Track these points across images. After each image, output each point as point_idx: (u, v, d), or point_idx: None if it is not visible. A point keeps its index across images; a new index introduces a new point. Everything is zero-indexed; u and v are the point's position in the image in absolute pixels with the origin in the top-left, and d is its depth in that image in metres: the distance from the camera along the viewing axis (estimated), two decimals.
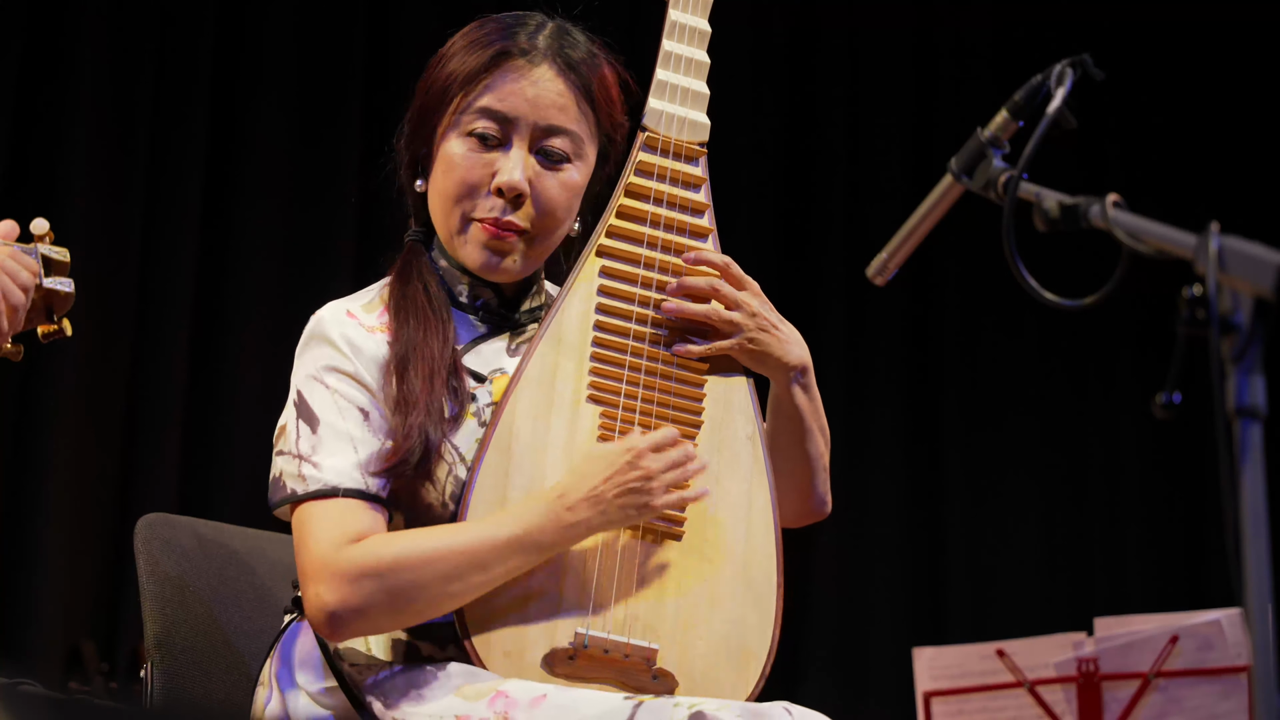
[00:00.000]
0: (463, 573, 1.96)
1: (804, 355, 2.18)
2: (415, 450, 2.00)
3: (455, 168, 2.10)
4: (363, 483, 2.01)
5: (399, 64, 4.43)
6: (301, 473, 2.02)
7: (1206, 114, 5.41)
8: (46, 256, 2.03)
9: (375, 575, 1.96)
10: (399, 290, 2.11)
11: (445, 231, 2.13)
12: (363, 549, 1.97)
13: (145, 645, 2.25)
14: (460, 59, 2.11)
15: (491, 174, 2.09)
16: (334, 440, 2.02)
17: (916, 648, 3.36)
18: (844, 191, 5.22)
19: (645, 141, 2.17)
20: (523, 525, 1.98)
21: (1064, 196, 1.68)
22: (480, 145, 2.10)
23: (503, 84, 2.10)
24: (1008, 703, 3.24)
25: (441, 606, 1.99)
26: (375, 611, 1.97)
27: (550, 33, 2.14)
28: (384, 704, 2.00)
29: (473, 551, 1.97)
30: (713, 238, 2.19)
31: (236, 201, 4.38)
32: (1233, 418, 1.38)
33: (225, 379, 4.31)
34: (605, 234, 2.14)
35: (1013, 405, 5.25)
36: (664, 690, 2.02)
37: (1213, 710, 3.10)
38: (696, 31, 2.21)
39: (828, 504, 2.28)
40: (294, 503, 2.02)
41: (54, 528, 4.00)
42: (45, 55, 4.14)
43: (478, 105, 2.10)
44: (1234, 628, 3.09)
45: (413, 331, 2.06)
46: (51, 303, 2.08)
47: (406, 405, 2.02)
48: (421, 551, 1.97)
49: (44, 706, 1.30)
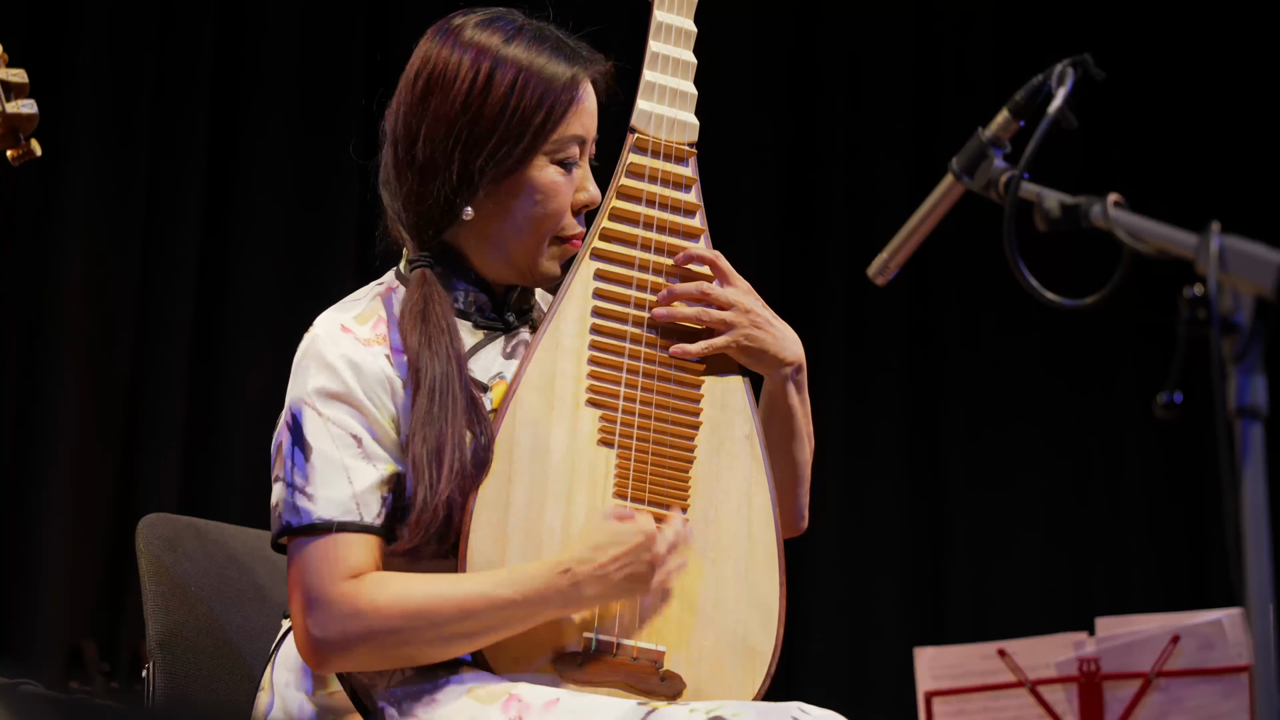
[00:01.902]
0: (454, 627, 1.96)
1: (799, 352, 2.19)
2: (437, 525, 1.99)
3: (553, 197, 2.09)
4: (357, 514, 1.99)
5: (401, 63, 4.42)
6: (296, 503, 2.01)
7: (1207, 113, 5.41)
8: (4, 81, 2.03)
9: (366, 616, 1.95)
10: (421, 329, 2.05)
11: (520, 254, 2.11)
12: (357, 588, 1.97)
13: (147, 645, 2.25)
14: (533, 88, 2.07)
15: (572, 193, 2.11)
16: (327, 470, 2.00)
17: (918, 648, 3.36)
18: (845, 191, 5.22)
19: (635, 143, 2.18)
20: (522, 591, 1.97)
21: (1065, 196, 1.68)
22: (566, 169, 2.10)
23: (580, 107, 2.10)
24: (1009, 703, 3.24)
25: (428, 656, 1.99)
26: (362, 652, 1.97)
27: (574, 41, 2.14)
28: (396, 709, 2.00)
29: (469, 608, 1.96)
30: (704, 238, 2.19)
31: (238, 202, 4.38)
32: (1234, 417, 1.38)
33: (227, 379, 4.31)
34: (599, 236, 2.14)
35: (1014, 405, 5.25)
36: (672, 692, 2.03)
37: (1214, 710, 3.10)
38: (682, 32, 2.21)
39: (805, 519, 2.29)
40: (289, 535, 2.02)
41: (56, 528, 4.00)
42: (46, 55, 4.14)
43: (570, 134, 2.09)
44: (1235, 627, 3.09)
45: (439, 375, 2.02)
46: (17, 125, 2.07)
47: (437, 467, 1.99)
48: (416, 600, 1.96)
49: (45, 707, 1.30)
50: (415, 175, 2.09)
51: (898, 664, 4.06)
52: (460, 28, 2.12)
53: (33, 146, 2.05)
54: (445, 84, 2.08)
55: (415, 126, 2.10)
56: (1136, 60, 5.27)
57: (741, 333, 2.14)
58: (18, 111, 2.01)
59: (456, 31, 2.12)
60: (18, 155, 2.05)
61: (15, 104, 2.01)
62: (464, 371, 2.05)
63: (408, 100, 2.12)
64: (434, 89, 2.09)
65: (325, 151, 4.42)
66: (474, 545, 2.00)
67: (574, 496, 2.05)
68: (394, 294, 2.12)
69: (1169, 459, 5.25)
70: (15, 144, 2.04)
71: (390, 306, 2.10)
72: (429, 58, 2.12)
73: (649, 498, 2.08)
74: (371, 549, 2.00)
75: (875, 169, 5.25)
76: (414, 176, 2.10)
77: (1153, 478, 5.28)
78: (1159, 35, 5.38)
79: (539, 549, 2.02)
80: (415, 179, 2.10)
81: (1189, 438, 5.12)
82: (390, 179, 2.13)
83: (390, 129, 2.13)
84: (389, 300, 2.11)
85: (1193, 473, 5.22)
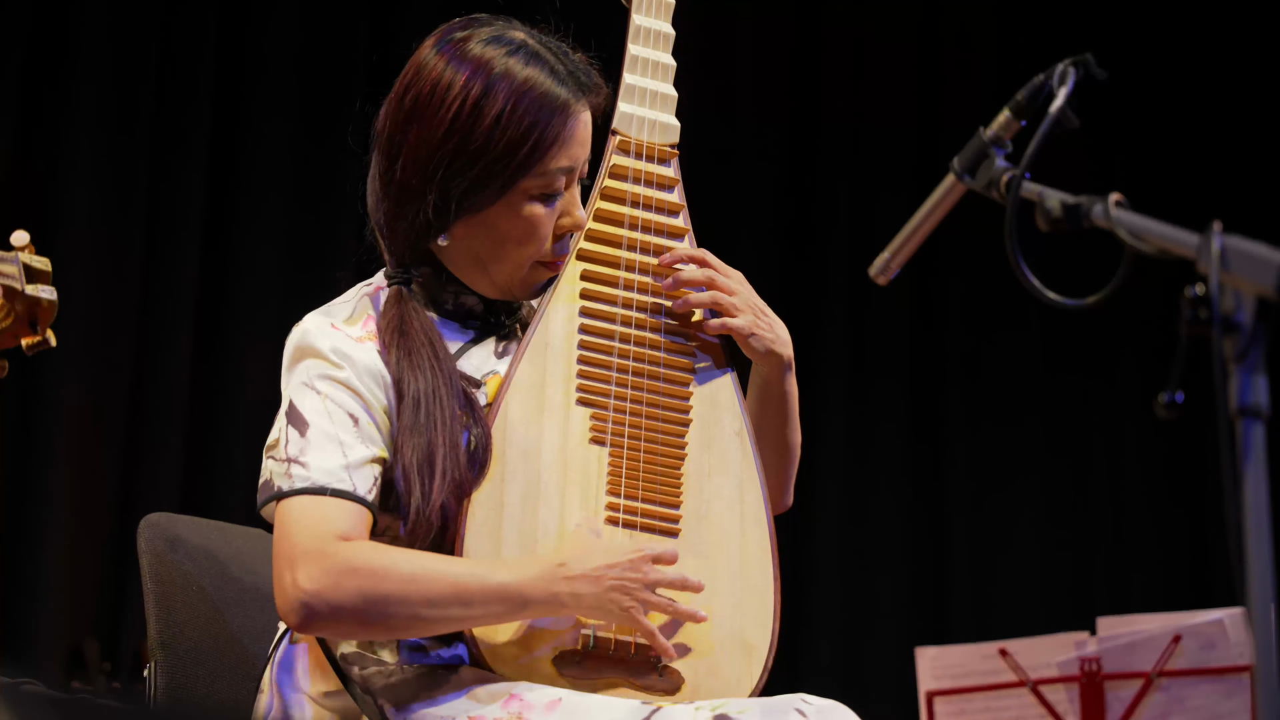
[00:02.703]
0: (444, 601, 1.95)
1: (789, 340, 2.21)
2: (432, 534, 1.99)
3: (532, 232, 2.07)
4: (350, 484, 1.99)
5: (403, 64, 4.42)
6: (289, 472, 1.99)
7: (1209, 113, 5.41)
8: (28, 265, 2.02)
9: (360, 575, 1.93)
10: (400, 344, 2.04)
11: (500, 276, 2.10)
12: (352, 547, 1.95)
13: (148, 645, 2.25)
14: (519, 119, 2.04)
15: (555, 220, 2.10)
16: (323, 441, 2.00)
17: (919, 647, 3.36)
18: (847, 191, 5.22)
19: (618, 145, 2.19)
20: (515, 576, 1.96)
21: (1066, 196, 1.68)
22: (548, 201, 2.09)
23: (570, 139, 2.07)
24: (1010, 702, 3.24)
25: (413, 629, 1.98)
26: (348, 612, 1.94)
27: (576, 64, 2.11)
28: (395, 706, 2.00)
29: (461, 585, 1.95)
30: (689, 237, 2.21)
31: (239, 201, 4.38)
32: (1235, 417, 1.38)
33: (228, 378, 4.31)
34: (584, 238, 2.15)
35: (1016, 405, 5.26)
36: (670, 687, 2.03)
37: (1215, 710, 3.10)
38: (660, 35, 2.23)
39: (790, 496, 2.30)
40: (279, 499, 1.99)
41: (57, 527, 4.01)
42: (48, 57, 4.14)
43: (555, 167, 2.06)
44: (1237, 627, 3.09)
45: (424, 388, 2.01)
46: (35, 313, 2.07)
47: (429, 475, 1.99)
48: (411, 568, 1.95)
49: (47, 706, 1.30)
50: (393, 196, 2.08)
51: (899, 664, 4.06)
52: (459, 44, 2.09)
53: (48, 336, 2.04)
54: (432, 108, 2.06)
55: (398, 145, 2.08)
56: (1138, 60, 5.27)
57: (749, 320, 2.15)
58: (37, 295, 2.01)
59: (455, 47, 2.08)
60: (32, 344, 2.05)
61: (35, 288, 2.01)
62: (453, 378, 2.04)
63: (394, 116, 2.09)
64: (420, 112, 2.06)
65: (326, 151, 4.42)
66: (469, 545, 2.00)
67: (567, 495, 2.06)
68: (382, 293, 2.12)
69: (1170, 458, 5.26)
70: (31, 332, 2.04)
71: (379, 305, 2.10)
72: (421, 73, 2.09)
73: (642, 494, 2.09)
74: (362, 520, 1.98)
75: (877, 169, 5.25)
76: (392, 197, 2.08)
77: (1154, 477, 5.28)
78: (1161, 34, 5.38)
79: (534, 548, 2.03)
80: (393, 199, 2.08)
81: (1190, 437, 5.12)
82: (375, 187, 2.12)
83: (379, 134, 2.12)
84: (377, 300, 2.11)
85: (1194, 472, 5.22)
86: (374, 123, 2.13)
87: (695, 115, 2.30)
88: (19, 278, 2.01)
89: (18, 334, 2.05)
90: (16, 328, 2.04)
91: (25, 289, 2.01)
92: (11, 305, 2.03)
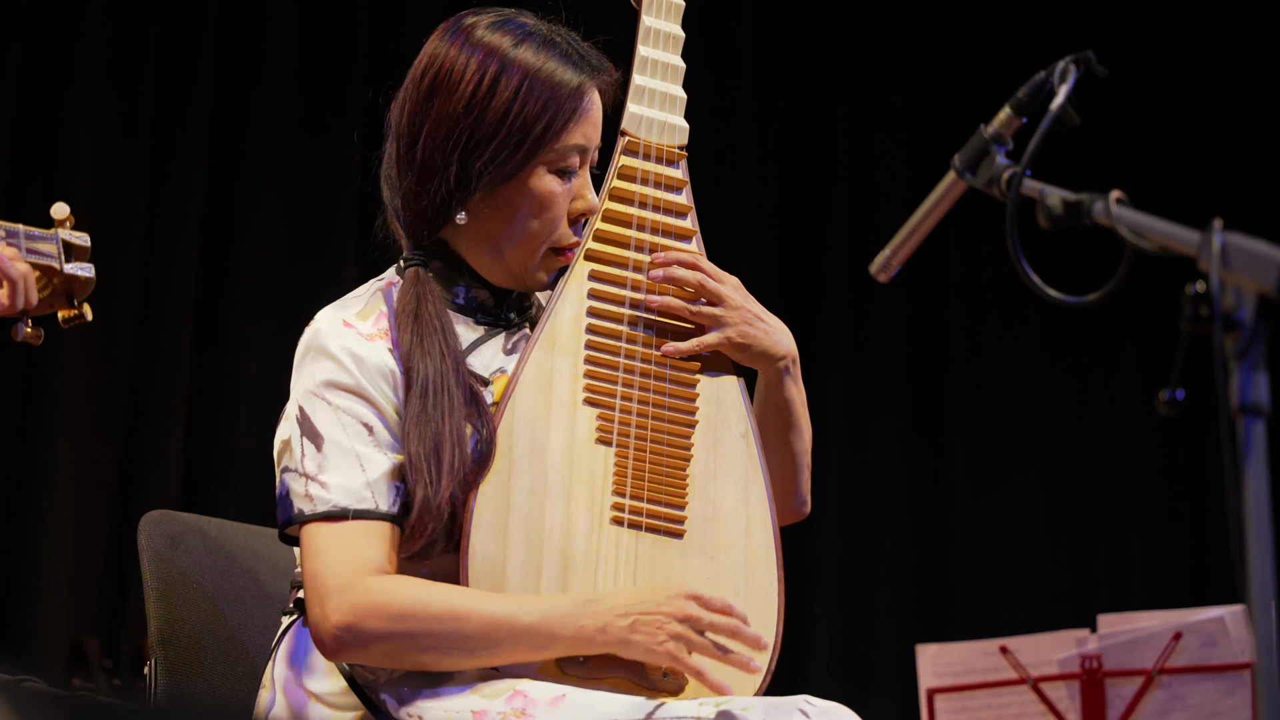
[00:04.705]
0: (474, 643, 1.96)
1: (791, 345, 2.20)
2: (441, 524, 1.99)
3: (550, 205, 2.09)
4: (371, 501, 1.99)
5: (403, 57, 4.42)
6: (309, 492, 2.00)
7: (1210, 110, 5.41)
8: (67, 242, 2.03)
9: (389, 615, 1.95)
10: (413, 328, 2.06)
11: (514, 260, 2.11)
12: (384, 585, 1.97)
13: (149, 642, 2.25)
14: (537, 95, 2.07)
15: (569, 202, 2.11)
16: (340, 458, 2.00)
17: (920, 644, 3.35)
18: (847, 188, 5.22)
19: (626, 146, 2.20)
20: (542, 612, 1.96)
21: (1067, 193, 1.68)
22: (564, 178, 2.11)
23: (583, 117, 2.10)
24: (1011, 700, 3.23)
25: (442, 665, 1.99)
26: (377, 649, 1.97)
27: (584, 48, 2.14)
28: (399, 702, 2.00)
29: (490, 627, 1.95)
30: (696, 239, 2.21)
31: (240, 196, 4.38)
32: (1236, 415, 1.38)
33: (229, 375, 4.31)
34: (592, 238, 2.16)
35: (1016, 402, 5.25)
36: (675, 687, 2.03)
37: (1216, 707, 3.10)
38: (670, 36, 2.23)
39: (808, 504, 2.29)
40: (302, 523, 2.01)
41: (58, 524, 4.01)
42: (49, 50, 4.14)
43: (571, 143, 2.09)
44: (1237, 625, 3.09)
45: (432, 374, 2.02)
46: (72, 288, 2.08)
47: (436, 466, 1.99)
48: (440, 607, 1.96)
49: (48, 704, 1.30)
50: (414, 174, 2.10)
51: (899, 661, 4.06)
52: (470, 28, 2.12)
53: (85, 310, 2.05)
54: (450, 85, 2.09)
55: (418, 125, 2.10)
56: (1139, 57, 5.27)
57: (734, 329, 2.16)
58: (75, 274, 2.02)
59: (467, 32, 2.12)
60: (69, 317, 2.06)
61: (74, 265, 2.02)
62: (461, 368, 2.06)
63: (413, 97, 2.13)
64: (439, 89, 2.10)
65: (328, 146, 4.42)
66: (475, 544, 2.00)
67: (574, 494, 2.06)
68: (394, 288, 2.13)
69: (1171, 456, 5.26)
70: (68, 305, 2.05)
71: (391, 301, 2.11)
72: (437, 56, 2.12)
73: (647, 495, 2.09)
74: (388, 538, 2.00)
75: (878, 166, 5.25)
76: (413, 175, 2.11)
77: (1155, 474, 5.28)
78: (1162, 32, 5.38)
79: (540, 547, 2.03)
80: (414, 177, 2.10)
81: (1191, 435, 5.12)
82: (391, 174, 2.15)
83: (395, 123, 2.14)
84: (389, 295, 2.12)
85: (1195, 470, 5.22)
86: (387, 114, 2.16)
87: (697, 112, 2.30)
88: (58, 256, 2.02)
89: (54, 305, 2.06)
90: (54, 300, 2.05)
91: (64, 267, 2.02)
92: (50, 279, 2.05)
